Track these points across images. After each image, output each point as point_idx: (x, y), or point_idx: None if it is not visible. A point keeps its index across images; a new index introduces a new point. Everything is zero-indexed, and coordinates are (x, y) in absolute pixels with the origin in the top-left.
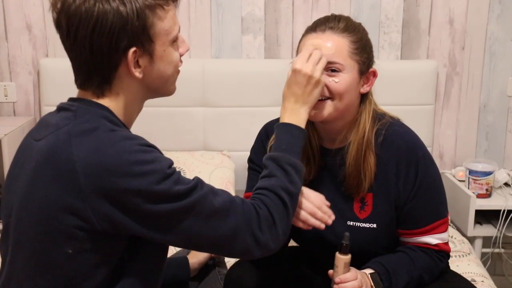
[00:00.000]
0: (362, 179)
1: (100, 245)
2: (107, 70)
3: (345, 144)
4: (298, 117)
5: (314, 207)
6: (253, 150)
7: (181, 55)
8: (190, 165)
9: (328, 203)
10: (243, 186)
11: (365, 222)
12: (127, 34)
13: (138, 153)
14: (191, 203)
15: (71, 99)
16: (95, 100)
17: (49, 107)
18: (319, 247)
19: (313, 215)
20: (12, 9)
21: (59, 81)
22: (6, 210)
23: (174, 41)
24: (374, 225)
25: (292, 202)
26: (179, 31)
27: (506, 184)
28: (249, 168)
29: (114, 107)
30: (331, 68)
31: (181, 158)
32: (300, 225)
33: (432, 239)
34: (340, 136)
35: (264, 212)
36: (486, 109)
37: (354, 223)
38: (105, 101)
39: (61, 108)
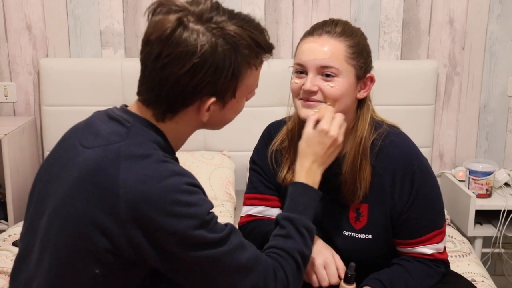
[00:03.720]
0: (357, 187)
1: (125, 270)
2: (178, 105)
3: (342, 153)
4: (314, 178)
5: (327, 278)
6: (256, 150)
7: (245, 100)
8: (190, 165)
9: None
10: (243, 186)
11: (361, 233)
12: (216, 86)
13: (184, 193)
14: (220, 254)
15: (125, 111)
16: (153, 122)
17: (49, 107)
18: None
19: (321, 282)
20: (12, 9)
21: (59, 81)
22: (37, 206)
23: (249, 92)
24: (370, 236)
25: (305, 264)
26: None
27: (506, 184)
28: (251, 169)
29: (168, 133)
30: (326, 73)
31: (181, 158)
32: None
33: (427, 250)
34: None
35: (281, 275)
36: (486, 109)
37: (350, 233)
38: (162, 126)
39: (113, 117)
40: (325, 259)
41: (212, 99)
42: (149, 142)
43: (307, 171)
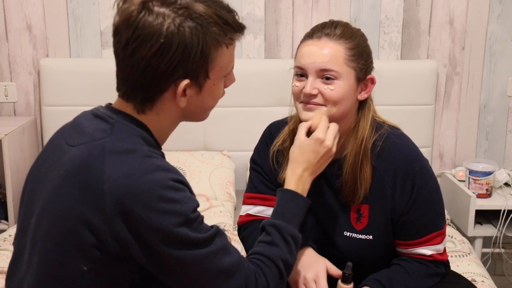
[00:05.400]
0: (358, 187)
1: (113, 267)
2: (153, 91)
3: (343, 154)
4: (304, 185)
5: None
6: (257, 150)
7: (225, 87)
8: (190, 165)
9: None
10: (243, 186)
11: (361, 234)
12: (186, 67)
13: (169, 189)
14: (202, 255)
15: (109, 108)
16: (135, 115)
17: (50, 107)
18: None
19: None
20: (12, 9)
21: (59, 81)
22: (27, 207)
23: (225, 76)
24: (370, 237)
25: (288, 272)
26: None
27: (506, 184)
28: (251, 168)
29: (151, 126)
30: (326, 76)
31: (181, 158)
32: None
33: (426, 250)
34: (338, 145)
35: (262, 281)
36: (486, 109)
37: (351, 234)
38: (144, 118)
39: (97, 115)
40: (317, 273)
41: (186, 81)
42: (134, 137)
43: (298, 178)
